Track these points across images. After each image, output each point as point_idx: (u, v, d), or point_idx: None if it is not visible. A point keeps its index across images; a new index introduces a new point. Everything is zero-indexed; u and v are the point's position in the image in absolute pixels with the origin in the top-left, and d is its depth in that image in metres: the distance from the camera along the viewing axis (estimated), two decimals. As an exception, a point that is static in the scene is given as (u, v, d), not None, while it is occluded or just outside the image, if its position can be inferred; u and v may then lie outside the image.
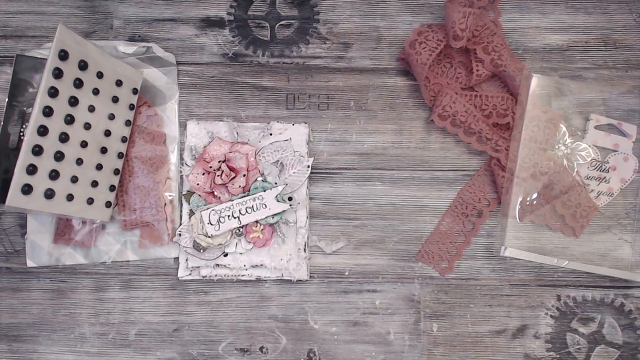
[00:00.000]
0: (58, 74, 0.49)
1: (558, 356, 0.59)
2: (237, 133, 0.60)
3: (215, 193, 0.58)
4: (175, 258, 0.60)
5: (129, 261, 0.60)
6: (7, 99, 0.55)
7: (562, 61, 0.62)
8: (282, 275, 0.58)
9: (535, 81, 0.59)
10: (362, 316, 0.59)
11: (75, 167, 0.52)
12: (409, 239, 0.60)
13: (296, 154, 0.59)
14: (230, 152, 0.58)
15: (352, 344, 0.59)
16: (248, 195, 0.58)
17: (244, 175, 0.58)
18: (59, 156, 0.50)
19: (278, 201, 0.57)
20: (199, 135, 0.60)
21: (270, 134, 0.60)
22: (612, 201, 0.60)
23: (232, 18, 0.63)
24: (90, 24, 0.62)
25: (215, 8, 0.63)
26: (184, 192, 0.59)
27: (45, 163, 0.49)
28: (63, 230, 0.58)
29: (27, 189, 0.47)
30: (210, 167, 0.58)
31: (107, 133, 0.55)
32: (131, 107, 0.58)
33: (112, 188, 0.57)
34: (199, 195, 0.58)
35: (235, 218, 0.57)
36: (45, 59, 0.48)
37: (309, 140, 0.61)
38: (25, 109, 0.56)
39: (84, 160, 0.53)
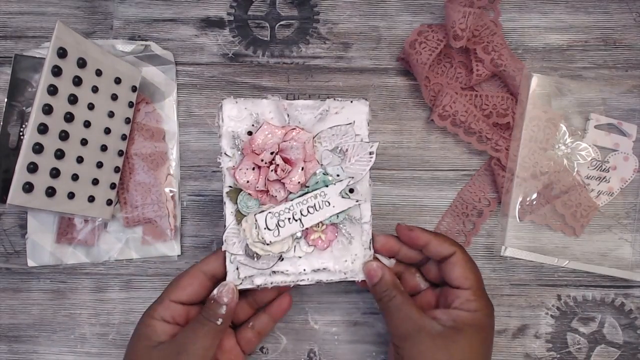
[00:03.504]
0: (57, 71, 0.49)
1: (558, 356, 0.59)
2: (287, 115, 0.50)
3: (271, 192, 0.49)
4: (178, 255, 0.60)
5: (131, 259, 0.60)
6: (6, 99, 0.55)
7: (562, 61, 0.62)
8: (347, 277, 0.50)
9: (535, 81, 0.59)
10: (362, 316, 0.59)
11: (76, 165, 0.52)
12: (410, 238, 0.60)
13: (357, 138, 0.51)
14: (284, 140, 0.49)
15: (353, 344, 0.59)
16: (307, 192, 0.49)
17: (302, 169, 0.49)
18: (60, 154, 0.50)
19: (343, 197, 0.50)
20: (239, 117, 0.49)
21: (327, 114, 0.51)
22: (612, 201, 0.60)
23: (232, 18, 0.63)
24: (90, 25, 0.63)
25: (215, 8, 0.63)
26: (226, 190, 0.49)
27: (46, 161, 0.49)
28: (65, 229, 0.58)
29: (28, 187, 0.47)
30: (262, 160, 0.48)
31: (107, 131, 0.55)
32: (130, 104, 0.58)
33: (112, 186, 0.57)
34: (249, 194, 0.49)
35: (296, 221, 0.49)
36: (44, 59, 0.48)
37: (369, 120, 0.52)
38: (24, 108, 0.56)
39: (84, 158, 0.53)
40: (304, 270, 0.50)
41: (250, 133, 0.49)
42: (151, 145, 0.60)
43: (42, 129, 0.48)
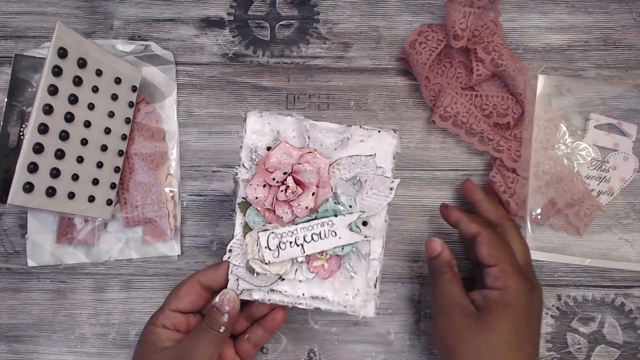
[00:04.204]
0: (57, 71, 0.49)
1: (558, 356, 0.59)
2: (308, 137, 0.48)
3: (278, 212, 0.47)
4: (178, 255, 0.60)
5: (131, 259, 0.60)
6: (6, 99, 0.55)
7: (562, 61, 0.62)
8: (346, 311, 0.48)
9: (541, 82, 0.60)
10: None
11: (76, 165, 0.52)
12: (409, 239, 0.60)
13: (379, 170, 0.48)
14: (299, 162, 0.47)
15: (353, 344, 0.59)
16: (315, 218, 0.47)
17: (313, 194, 0.47)
18: (60, 154, 0.50)
19: (351, 230, 0.47)
20: (261, 131, 0.48)
21: (350, 141, 0.48)
22: (613, 200, 0.60)
23: (232, 18, 0.63)
24: (90, 25, 0.63)
25: (215, 8, 0.63)
26: (238, 201, 0.49)
27: (46, 161, 0.49)
28: (65, 229, 0.58)
29: (28, 187, 0.47)
30: (273, 179, 0.47)
31: (107, 131, 0.55)
32: (130, 104, 0.58)
33: (112, 186, 0.57)
34: (257, 210, 0.48)
35: (298, 246, 0.47)
36: (44, 59, 0.48)
37: (397, 154, 0.49)
38: (24, 108, 0.56)
39: (85, 158, 0.53)
40: (303, 294, 0.48)
41: (269, 149, 0.48)
42: (151, 145, 0.60)
43: (43, 129, 0.48)
